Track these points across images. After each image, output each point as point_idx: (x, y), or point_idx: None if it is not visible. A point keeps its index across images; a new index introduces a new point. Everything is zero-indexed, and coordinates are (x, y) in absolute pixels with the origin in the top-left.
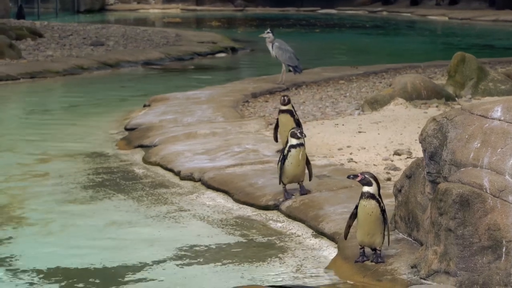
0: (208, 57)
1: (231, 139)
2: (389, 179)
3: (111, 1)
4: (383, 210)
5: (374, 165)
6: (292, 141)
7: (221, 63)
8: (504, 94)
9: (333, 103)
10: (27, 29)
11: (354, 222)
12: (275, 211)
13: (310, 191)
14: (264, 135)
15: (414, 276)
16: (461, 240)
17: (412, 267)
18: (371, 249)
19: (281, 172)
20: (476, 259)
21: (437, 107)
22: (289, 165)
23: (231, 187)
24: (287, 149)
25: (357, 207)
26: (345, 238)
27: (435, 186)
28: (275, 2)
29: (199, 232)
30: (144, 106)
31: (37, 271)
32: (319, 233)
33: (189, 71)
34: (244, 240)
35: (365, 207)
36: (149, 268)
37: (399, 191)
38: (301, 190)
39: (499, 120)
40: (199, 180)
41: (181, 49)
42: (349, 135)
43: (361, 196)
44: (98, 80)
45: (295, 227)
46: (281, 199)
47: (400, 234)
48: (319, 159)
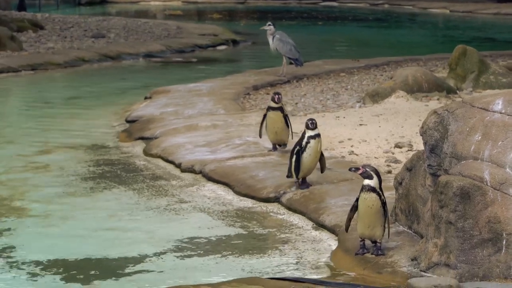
0: (209, 49)
1: (232, 131)
2: (389, 171)
3: None
4: (383, 203)
5: (375, 157)
6: (309, 132)
7: (222, 55)
8: (505, 87)
9: (334, 95)
10: (28, 21)
11: (355, 215)
12: (275, 204)
13: (311, 185)
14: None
15: (414, 268)
16: (461, 232)
17: (412, 259)
18: (371, 241)
19: (297, 164)
20: (476, 251)
21: (438, 100)
22: (307, 157)
23: (232, 179)
24: (306, 140)
25: (357, 199)
26: (346, 230)
27: (435, 178)
28: None
29: (200, 224)
30: (145, 98)
31: (37, 263)
32: (320, 225)
33: (190, 63)
34: (244, 232)
35: (366, 200)
36: (149, 260)
37: (400, 183)
38: (303, 183)
39: (500, 113)
40: (199, 172)
41: (182, 41)
42: (350, 127)
43: (362, 189)
44: (99, 72)
45: (296, 220)
46: (282, 191)
47: (401, 226)
48: None
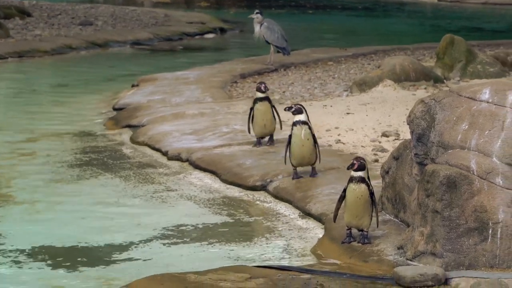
0: (196, 37)
1: (219, 119)
2: (376, 160)
3: None
4: (371, 193)
5: (362, 146)
6: (295, 118)
7: (210, 43)
8: (493, 76)
9: (322, 84)
10: (16, 8)
11: (342, 204)
12: (262, 192)
13: (318, 175)
14: None
15: (401, 257)
16: (447, 221)
17: (398, 248)
18: (358, 230)
19: (286, 151)
20: (462, 240)
21: (425, 89)
22: (293, 144)
23: (219, 168)
24: (291, 126)
25: (345, 190)
26: (334, 220)
27: (422, 167)
28: None
29: (186, 212)
30: (133, 86)
31: (23, 250)
32: (306, 214)
33: (177, 51)
34: (231, 220)
35: (355, 190)
36: (135, 247)
37: (387, 172)
38: (312, 173)
39: (487, 103)
40: (186, 160)
41: (170, 29)
42: (337, 116)
43: (351, 179)
44: (87, 60)
45: (282, 208)
46: (268, 180)
47: (387, 215)
48: None
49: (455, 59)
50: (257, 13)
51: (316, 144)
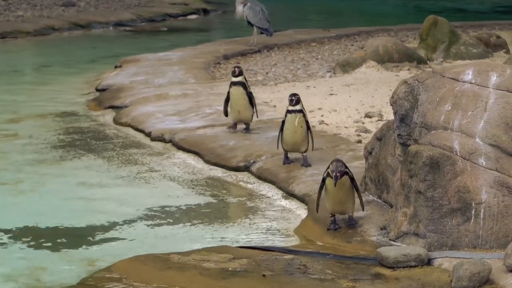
0: (179, 19)
1: (202, 100)
2: (359, 141)
3: None
4: (352, 179)
5: (345, 127)
6: (288, 107)
7: (193, 24)
8: (476, 57)
9: (305, 65)
10: None
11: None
12: (245, 173)
13: (311, 165)
14: None
15: (384, 237)
16: (430, 202)
17: (381, 228)
18: (342, 215)
19: (279, 137)
20: (445, 221)
21: (408, 70)
22: (285, 130)
23: (202, 148)
24: (284, 114)
25: (324, 180)
26: (317, 211)
27: (405, 148)
28: None
29: (170, 192)
30: (115, 67)
31: (6, 231)
32: (290, 194)
33: (160, 32)
34: (214, 201)
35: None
36: (119, 228)
37: (370, 153)
38: (304, 161)
39: (470, 83)
40: (169, 141)
41: (152, 10)
42: (320, 97)
43: (329, 174)
44: (69, 41)
45: (266, 189)
46: (252, 161)
47: (370, 196)
48: None
49: (438, 40)
50: None
51: (309, 132)
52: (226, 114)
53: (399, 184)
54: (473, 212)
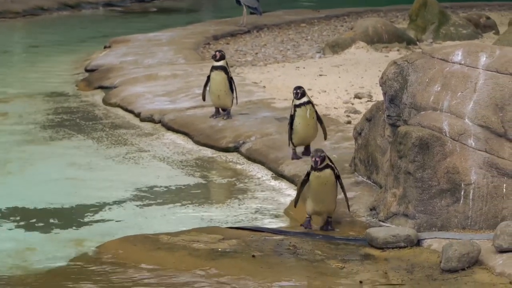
0: None
1: (191, 81)
2: (349, 122)
3: None
4: (337, 176)
5: (335, 108)
6: (295, 102)
7: (183, 5)
8: (465, 38)
9: (294, 46)
10: None
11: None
12: (235, 153)
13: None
14: None
15: (373, 218)
16: (420, 183)
17: (371, 209)
18: (322, 216)
19: (290, 133)
20: (434, 202)
21: (398, 50)
22: (297, 125)
23: (192, 129)
24: (293, 110)
25: (308, 174)
26: (295, 206)
27: (395, 129)
28: None
29: (159, 173)
30: (105, 47)
31: None
32: (279, 175)
33: (150, 13)
34: (203, 182)
35: (319, 177)
36: (108, 208)
37: (359, 134)
38: (306, 151)
39: (460, 64)
40: (159, 122)
41: None
42: (310, 78)
43: (312, 167)
44: (59, 21)
45: (255, 169)
46: (241, 141)
47: (360, 176)
48: (280, 102)
49: (428, 21)
50: None
51: (320, 121)
52: (204, 98)
53: (389, 165)
54: (462, 193)
